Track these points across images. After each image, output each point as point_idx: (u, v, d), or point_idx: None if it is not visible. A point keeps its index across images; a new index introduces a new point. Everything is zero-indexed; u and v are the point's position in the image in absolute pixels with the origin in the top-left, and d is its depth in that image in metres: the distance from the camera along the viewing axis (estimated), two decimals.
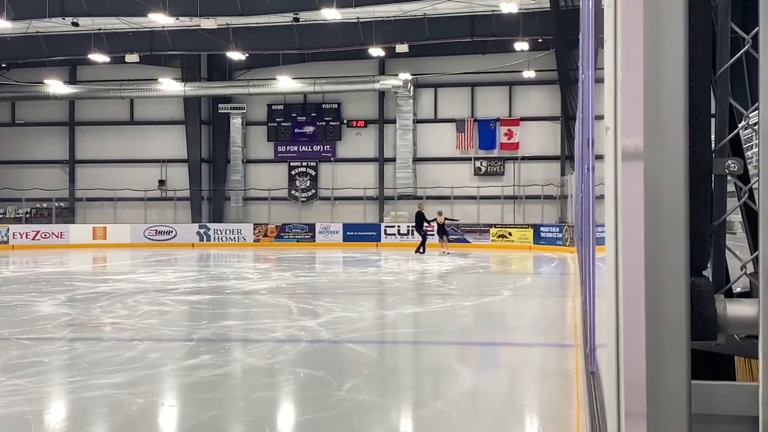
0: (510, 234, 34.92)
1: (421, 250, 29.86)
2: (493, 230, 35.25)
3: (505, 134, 38.11)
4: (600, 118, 1.42)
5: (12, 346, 9.83)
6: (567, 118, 32.87)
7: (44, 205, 39.46)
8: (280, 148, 40.18)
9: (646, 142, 1.07)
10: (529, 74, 35.91)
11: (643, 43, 1.07)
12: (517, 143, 37.99)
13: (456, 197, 37.50)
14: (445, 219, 30.69)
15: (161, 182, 39.99)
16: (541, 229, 34.42)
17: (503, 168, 38.17)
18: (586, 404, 5.66)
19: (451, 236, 31.63)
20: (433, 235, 30.56)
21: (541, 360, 9.94)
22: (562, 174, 36.83)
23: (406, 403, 7.51)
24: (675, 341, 1.07)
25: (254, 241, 36.82)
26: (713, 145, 1.34)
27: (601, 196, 1.41)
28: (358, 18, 31.60)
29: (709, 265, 1.58)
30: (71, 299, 15.07)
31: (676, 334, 1.07)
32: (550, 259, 28.16)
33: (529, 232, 34.57)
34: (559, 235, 33.13)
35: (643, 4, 1.07)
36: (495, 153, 38.38)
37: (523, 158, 37.83)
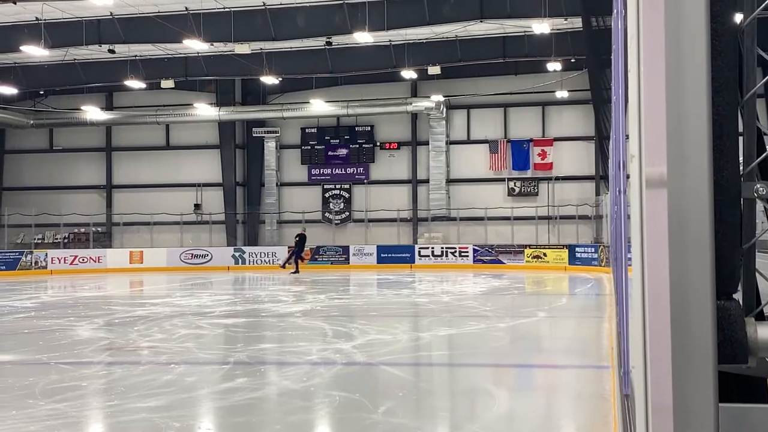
0: (545, 255, 34.74)
1: (297, 270, 32.48)
2: (527, 251, 35.09)
3: (539, 154, 38.01)
4: None
5: (51, 371, 9.94)
6: (601, 138, 32.69)
7: (82, 230, 39.93)
8: (313, 171, 40.38)
9: (670, 170, 1.09)
10: (562, 94, 35.83)
11: (665, 72, 1.10)
12: (551, 163, 37.86)
13: (490, 218, 37.41)
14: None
15: (197, 206, 40.32)
16: (577, 249, 34.21)
17: (537, 188, 38.04)
18: (621, 427, 5.63)
19: (485, 257, 31.60)
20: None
21: (577, 382, 9.88)
22: (597, 194, 36.63)
23: (441, 426, 7.50)
24: (701, 364, 1.09)
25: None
26: (741, 169, 1.35)
27: None
28: (390, 41, 31.77)
29: (739, 288, 1.59)
30: (109, 323, 15.23)
31: (703, 356, 1.09)
32: (586, 280, 27.96)
33: (564, 253, 34.36)
34: (595, 256, 32.90)
35: (664, 34, 1.10)
36: (529, 173, 38.27)
37: (557, 178, 37.68)
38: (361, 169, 39.83)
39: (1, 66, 34.75)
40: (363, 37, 27.85)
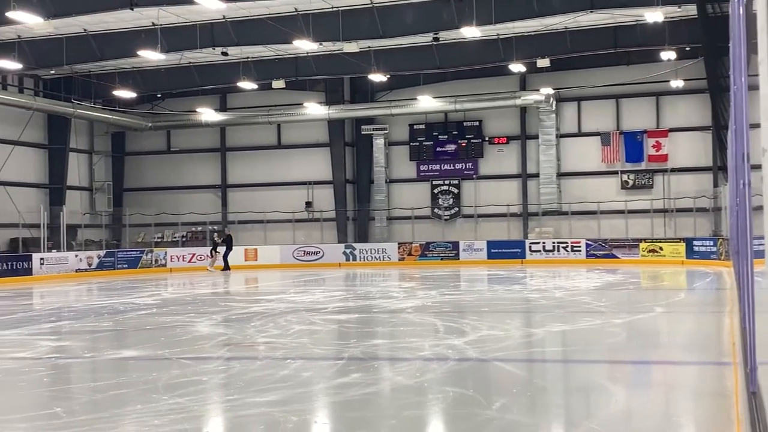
0: (661, 248, 33.91)
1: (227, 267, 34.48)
2: (642, 245, 34.33)
3: (653, 146, 37.12)
4: (755, 126, 1.39)
5: (173, 366, 10.26)
6: (719, 128, 31.71)
7: (199, 228, 41.09)
8: (422, 167, 40.46)
9: None
10: (676, 84, 34.88)
11: None
12: (666, 155, 36.92)
13: (603, 212, 36.74)
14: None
15: (308, 204, 40.93)
16: (694, 242, 33.28)
17: (652, 181, 37.16)
18: (747, 425, 5.45)
19: (598, 251, 31.07)
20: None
21: (696, 379, 9.61)
22: (715, 185, 35.55)
23: (557, 423, 7.41)
24: None
25: (399, 259, 37.15)
26: None
27: (759, 207, 1.38)
28: (498, 34, 31.53)
29: None
30: (226, 319, 15.61)
31: None
32: (704, 274, 27.16)
33: (681, 246, 33.48)
34: (714, 249, 31.92)
35: None
36: (643, 165, 37.42)
37: (673, 170, 36.72)
38: (470, 164, 39.69)
39: (121, 71, 36.05)
40: (470, 32, 27.71)
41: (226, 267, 34.34)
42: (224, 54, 31.50)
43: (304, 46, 29.55)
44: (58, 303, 21.98)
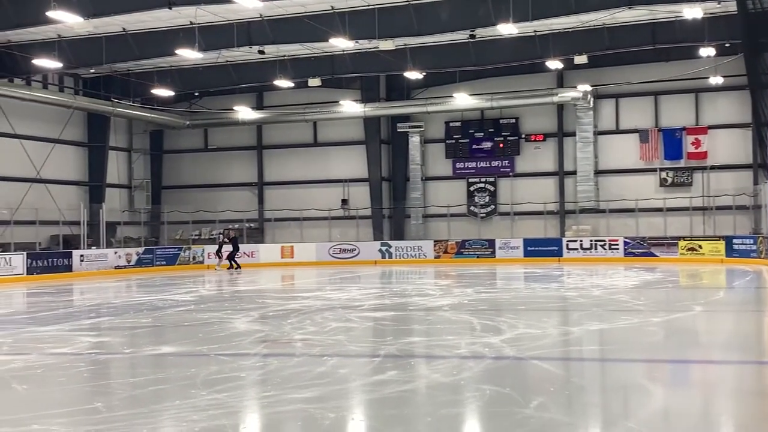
0: (700, 247, 33.56)
1: (238, 266, 33.97)
2: (681, 243, 33.99)
3: (692, 143, 36.73)
4: None
5: (211, 362, 10.34)
6: (759, 125, 31.31)
7: (236, 225, 41.32)
8: (458, 165, 40.37)
9: None
10: (716, 80, 34.47)
11: None
12: (706, 152, 36.51)
13: (641, 210, 36.44)
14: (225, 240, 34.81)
15: (344, 201, 41.02)
16: (734, 241, 32.88)
17: (691, 178, 36.78)
18: None
19: (636, 250, 30.79)
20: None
21: (736, 378, 9.51)
22: (755, 183, 35.08)
23: (594, 422, 7.37)
24: None
25: (435, 257, 37.12)
26: None
27: None
28: (534, 31, 31.36)
29: None
30: (263, 316, 15.71)
31: None
32: (744, 273, 26.84)
33: (721, 245, 33.11)
34: (754, 247, 31.52)
35: None
36: (682, 163, 37.05)
37: (713, 167, 36.31)
38: (506, 162, 39.54)
39: (159, 69, 36.38)
40: (507, 29, 27.57)
41: (236, 266, 33.88)
42: (261, 52, 31.63)
43: (340, 44, 29.60)
44: (97, 299, 22.23)
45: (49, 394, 8.80)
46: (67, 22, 26.38)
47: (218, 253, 34.81)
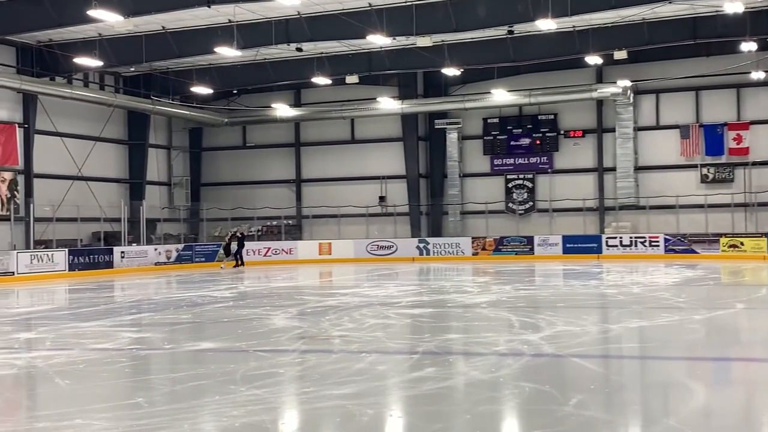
0: (742, 243, 33.11)
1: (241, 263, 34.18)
2: (723, 240, 33.56)
3: (734, 139, 36.23)
4: None
5: (250, 358, 10.42)
6: None
7: (274, 222, 41.54)
8: (496, 161, 40.21)
9: None
10: (758, 75, 33.99)
11: None
12: (747, 148, 36.01)
13: (681, 206, 36.01)
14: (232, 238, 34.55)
15: (381, 198, 41.03)
16: None
17: (732, 174, 36.30)
18: None
19: (677, 246, 30.45)
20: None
21: None
22: None
23: (635, 420, 7.30)
24: None
25: (472, 254, 37.00)
26: None
27: None
28: (573, 26, 31.12)
29: None
30: (302, 313, 15.77)
31: None
32: None
33: (763, 242, 32.64)
34: None
35: None
36: (723, 159, 36.56)
37: (755, 163, 35.80)
38: (545, 158, 39.31)
39: (198, 67, 36.63)
40: (546, 24, 27.36)
41: (240, 263, 34.21)
42: (298, 50, 31.71)
43: (377, 41, 29.60)
44: (138, 296, 22.48)
45: (92, 389, 8.92)
46: (108, 21, 26.63)
47: (227, 251, 34.80)
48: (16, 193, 32.63)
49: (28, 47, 32.38)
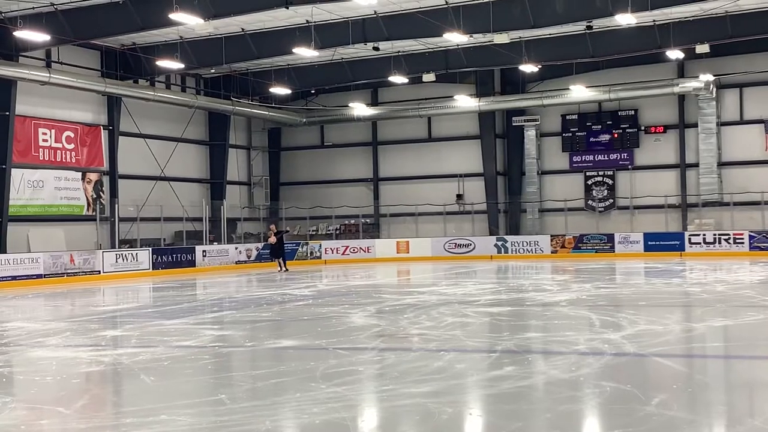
0: None
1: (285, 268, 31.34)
2: None
3: None
4: None
5: (330, 356, 10.52)
6: None
7: (352, 221, 41.79)
8: (575, 158, 39.74)
9: None
10: None
11: None
12: None
13: (767, 202, 35.09)
14: (277, 234, 31.84)
15: (459, 196, 40.92)
16: None
17: None
18: None
19: (763, 244, 29.67)
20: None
21: None
22: None
23: (719, 420, 7.17)
24: None
25: (551, 252, 36.67)
26: None
27: None
28: (654, 21, 30.59)
29: None
30: (380, 311, 15.85)
31: None
32: None
33: None
34: None
35: None
36: None
37: None
38: (625, 154, 38.70)
39: (276, 68, 37.08)
40: (625, 19, 26.96)
41: (284, 269, 31.24)
42: (375, 49, 31.85)
43: (454, 38, 29.55)
44: (219, 294, 22.88)
45: (176, 386, 9.12)
46: (189, 23, 27.15)
47: (275, 253, 32.22)
48: (101, 193, 33.53)
49: (112, 51, 33.20)
